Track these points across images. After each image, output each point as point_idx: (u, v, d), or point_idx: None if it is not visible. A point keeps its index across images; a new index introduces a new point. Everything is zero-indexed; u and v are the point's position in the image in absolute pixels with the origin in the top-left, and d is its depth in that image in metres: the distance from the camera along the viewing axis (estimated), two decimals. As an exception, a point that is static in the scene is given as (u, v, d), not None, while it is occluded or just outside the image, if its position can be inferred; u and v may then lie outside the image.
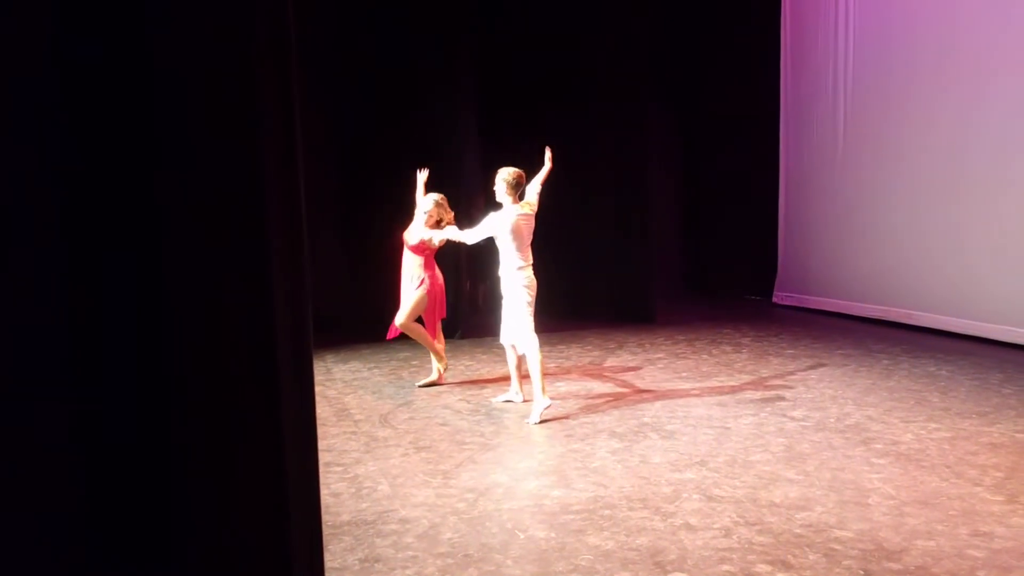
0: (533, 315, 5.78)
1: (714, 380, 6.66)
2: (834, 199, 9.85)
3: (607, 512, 3.97)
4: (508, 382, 6.23)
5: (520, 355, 5.88)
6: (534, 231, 5.87)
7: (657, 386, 6.50)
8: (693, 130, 11.67)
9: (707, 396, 6.14)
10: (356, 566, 3.47)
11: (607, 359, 7.56)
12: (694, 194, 11.81)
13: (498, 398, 6.14)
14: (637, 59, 9.44)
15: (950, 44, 8.27)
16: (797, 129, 10.38)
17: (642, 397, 6.17)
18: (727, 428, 5.31)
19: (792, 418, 5.51)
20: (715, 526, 3.79)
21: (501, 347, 6.25)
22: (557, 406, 5.79)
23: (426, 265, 6.48)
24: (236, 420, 1.90)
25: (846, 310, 9.53)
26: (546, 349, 7.83)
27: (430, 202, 6.46)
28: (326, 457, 4.77)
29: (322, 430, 5.19)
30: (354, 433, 5.41)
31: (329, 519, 3.86)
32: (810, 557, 3.45)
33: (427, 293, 6.46)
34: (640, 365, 7.27)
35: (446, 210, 6.47)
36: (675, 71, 11.34)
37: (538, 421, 5.50)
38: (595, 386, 6.56)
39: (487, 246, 6.08)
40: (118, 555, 1.80)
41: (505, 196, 5.79)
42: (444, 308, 6.74)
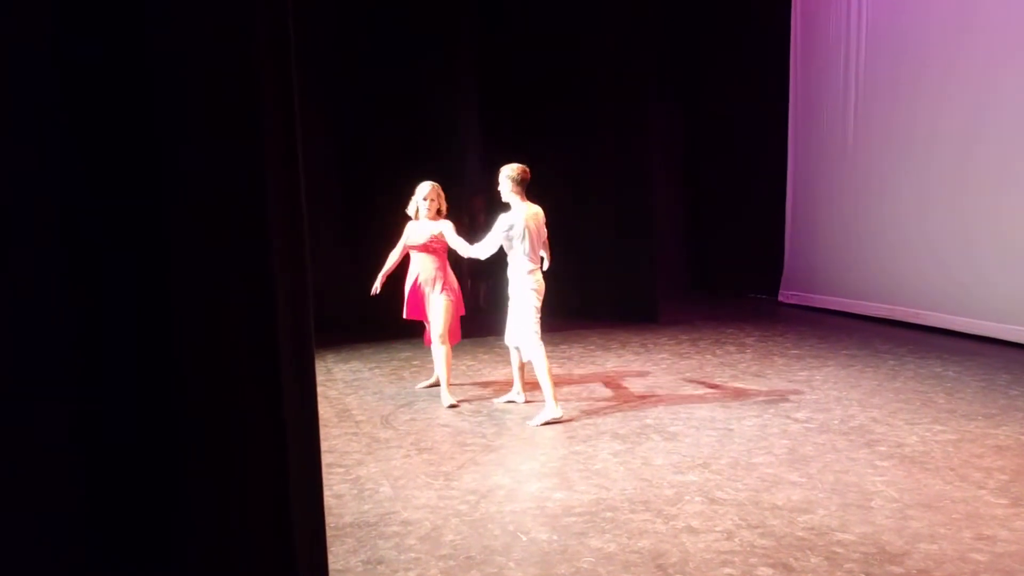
0: (540, 319, 5.67)
1: (717, 381, 6.64)
2: (841, 197, 9.79)
3: (609, 514, 3.97)
4: (510, 383, 6.22)
5: (525, 360, 5.79)
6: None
7: (660, 387, 6.49)
8: (697, 127, 11.63)
9: (710, 397, 6.13)
10: (359, 568, 3.47)
11: (609, 359, 7.54)
12: (698, 192, 11.76)
13: (500, 399, 6.12)
14: (640, 57, 9.41)
15: (961, 41, 8.21)
16: (805, 126, 10.31)
17: (644, 398, 6.15)
18: (730, 430, 5.29)
19: (796, 420, 5.49)
20: (717, 529, 3.78)
21: (503, 347, 6.23)
22: (559, 406, 5.78)
23: (442, 264, 6.10)
24: (237, 420, 1.90)
25: (852, 309, 9.49)
26: (548, 349, 7.78)
27: (428, 187, 6.03)
28: (328, 458, 4.77)
29: (323, 431, 5.20)
30: (355, 434, 5.40)
31: (331, 521, 3.85)
32: (812, 560, 3.44)
33: (452, 295, 6.08)
34: (643, 366, 7.26)
35: (443, 199, 6.13)
36: (679, 68, 11.32)
37: (540, 424, 5.49)
38: (597, 387, 6.55)
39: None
40: (118, 555, 1.80)
41: (512, 195, 5.57)
42: (463, 305, 6.37)
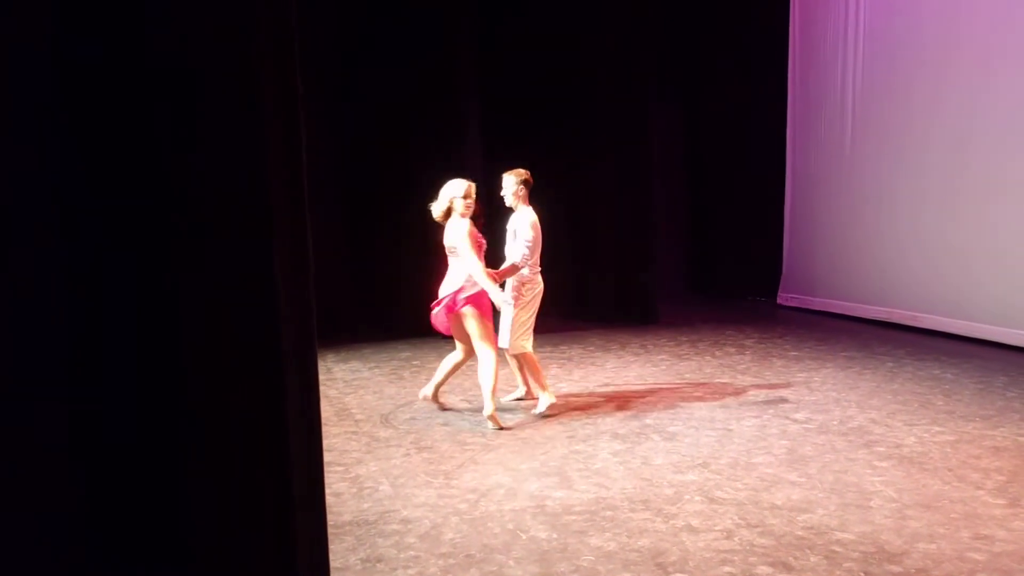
0: (534, 321, 5.69)
1: (717, 381, 6.65)
2: (839, 200, 9.81)
3: (609, 513, 3.97)
4: (512, 382, 6.22)
5: (515, 354, 5.76)
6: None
7: (659, 387, 6.49)
8: (697, 129, 11.64)
9: (709, 398, 6.13)
10: (358, 566, 3.47)
11: (609, 360, 7.54)
12: (698, 194, 11.77)
13: (506, 398, 6.11)
14: (640, 58, 9.43)
15: (959, 43, 8.22)
16: (804, 129, 10.33)
17: (644, 398, 6.16)
18: (729, 430, 5.30)
19: (795, 420, 5.50)
20: (717, 528, 3.78)
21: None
22: (559, 406, 5.79)
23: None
24: (239, 420, 1.90)
25: (850, 312, 9.50)
26: (548, 349, 7.88)
27: (462, 186, 5.37)
28: (327, 457, 4.76)
29: (323, 430, 5.18)
30: (355, 433, 5.41)
31: (331, 519, 3.85)
32: (811, 559, 3.45)
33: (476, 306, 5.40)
34: (642, 366, 7.26)
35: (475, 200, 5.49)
36: (679, 70, 11.32)
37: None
38: (597, 387, 6.55)
39: (492, 245, 5.90)
40: (118, 555, 1.80)
41: (521, 198, 5.66)
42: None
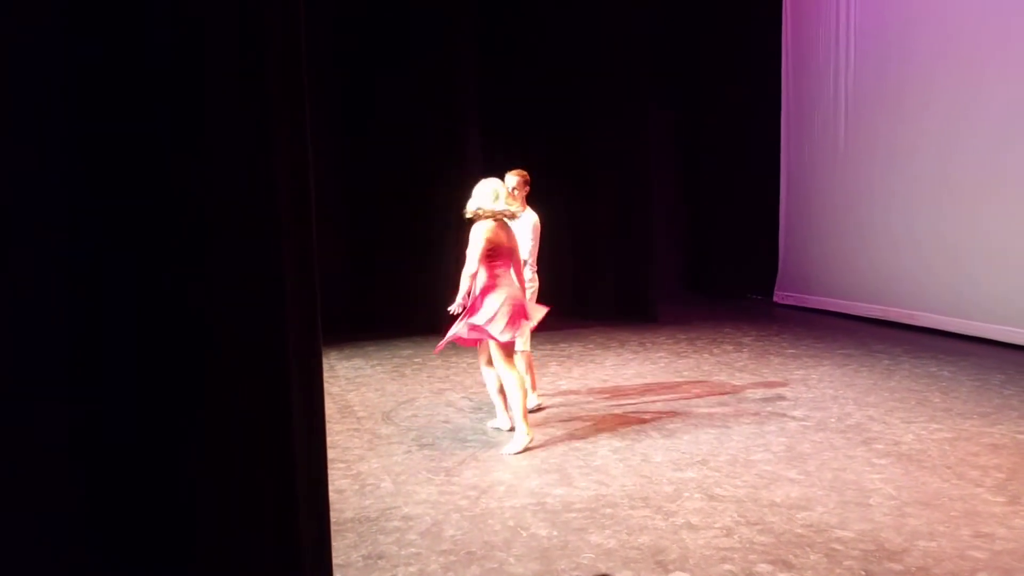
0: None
1: (715, 379, 6.65)
2: (835, 198, 9.83)
3: (609, 511, 3.97)
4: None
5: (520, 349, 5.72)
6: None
7: (658, 385, 6.50)
8: (694, 129, 11.66)
9: (708, 395, 6.14)
10: (360, 563, 3.48)
11: (608, 358, 7.55)
12: (695, 193, 11.79)
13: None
14: (638, 59, 9.44)
15: (950, 41, 8.24)
16: (798, 128, 10.36)
17: (643, 396, 6.16)
18: (728, 427, 5.30)
19: (793, 418, 5.50)
20: (716, 525, 3.78)
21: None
22: (559, 403, 5.79)
23: (484, 278, 5.14)
24: (241, 420, 1.89)
25: (847, 310, 9.51)
26: (547, 347, 7.88)
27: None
28: (329, 454, 4.70)
29: (326, 427, 5.19)
30: (357, 430, 5.41)
31: (333, 516, 3.81)
32: (811, 557, 3.45)
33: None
34: (641, 364, 7.27)
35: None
36: (675, 70, 11.33)
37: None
38: (596, 385, 6.56)
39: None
40: (118, 555, 1.80)
41: (520, 199, 5.50)
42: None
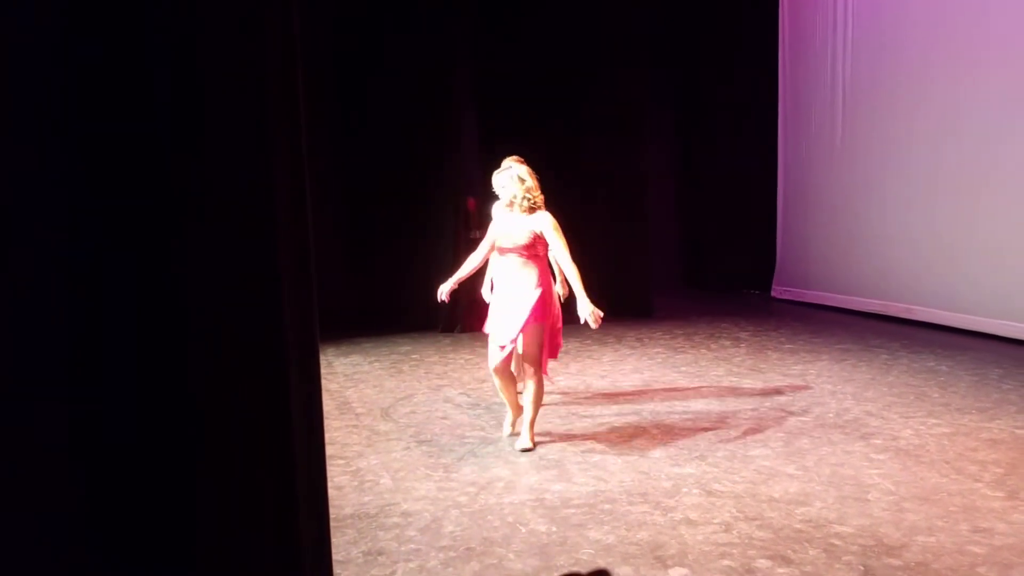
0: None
1: (712, 374, 6.66)
2: (832, 193, 9.84)
3: (607, 506, 3.98)
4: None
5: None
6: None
7: (655, 380, 6.50)
8: (691, 125, 11.68)
9: (705, 391, 6.14)
10: (359, 559, 3.48)
11: (606, 353, 7.55)
12: (692, 188, 11.80)
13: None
14: (635, 56, 9.44)
15: (948, 39, 8.24)
16: (795, 123, 10.37)
17: (641, 392, 6.17)
18: (726, 423, 5.31)
19: (791, 413, 5.51)
20: (715, 521, 3.79)
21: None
22: (557, 399, 5.80)
23: (543, 275, 4.83)
24: (240, 419, 1.89)
25: (845, 304, 9.52)
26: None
27: (524, 170, 4.87)
28: (328, 450, 4.71)
29: (324, 424, 5.19)
30: (356, 427, 5.41)
31: (332, 513, 3.81)
32: (810, 552, 3.46)
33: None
34: (639, 359, 7.27)
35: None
36: (673, 67, 11.34)
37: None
38: (594, 381, 6.56)
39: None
40: (118, 555, 1.80)
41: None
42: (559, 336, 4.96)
